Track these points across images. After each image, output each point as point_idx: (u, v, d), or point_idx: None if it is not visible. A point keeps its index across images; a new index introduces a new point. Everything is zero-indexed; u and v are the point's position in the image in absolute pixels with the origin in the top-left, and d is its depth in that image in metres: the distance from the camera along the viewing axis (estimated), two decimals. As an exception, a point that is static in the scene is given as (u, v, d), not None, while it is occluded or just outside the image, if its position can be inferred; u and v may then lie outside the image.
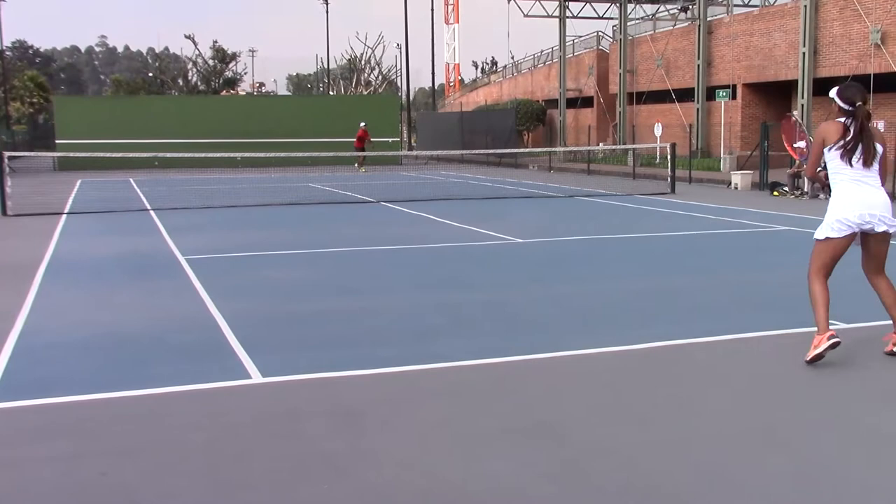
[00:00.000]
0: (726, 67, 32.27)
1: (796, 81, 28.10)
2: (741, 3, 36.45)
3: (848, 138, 5.64)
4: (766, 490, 3.75)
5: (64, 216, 16.26)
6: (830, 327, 5.70)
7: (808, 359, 5.60)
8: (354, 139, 32.33)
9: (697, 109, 32.91)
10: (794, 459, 4.10)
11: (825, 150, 5.75)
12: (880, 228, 5.70)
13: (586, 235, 12.92)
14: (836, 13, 27.15)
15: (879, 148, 5.71)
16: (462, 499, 3.71)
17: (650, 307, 7.66)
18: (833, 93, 5.81)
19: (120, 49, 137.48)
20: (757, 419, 4.67)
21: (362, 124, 32.58)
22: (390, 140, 37.57)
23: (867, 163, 5.66)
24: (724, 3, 35.76)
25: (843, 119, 5.71)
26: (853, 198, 5.66)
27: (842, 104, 5.71)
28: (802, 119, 26.17)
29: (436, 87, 66.54)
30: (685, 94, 34.16)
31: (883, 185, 5.76)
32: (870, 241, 5.83)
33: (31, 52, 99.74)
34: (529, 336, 6.55)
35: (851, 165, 5.66)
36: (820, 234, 5.80)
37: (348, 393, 5.21)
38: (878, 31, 25.46)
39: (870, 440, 4.35)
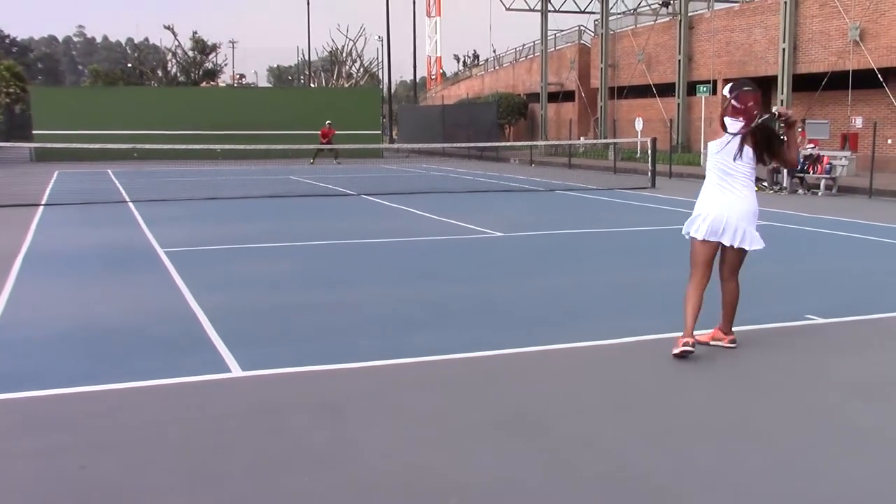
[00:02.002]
0: (707, 63, 32.42)
1: (776, 77, 28.27)
2: (722, -1, 36.64)
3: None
4: (743, 481, 3.77)
5: (41, 208, 16.09)
6: (814, 318, 5.74)
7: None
8: (320, 134, 32.46)
9: (678, 104, 33.05)
10: (770, 451, 4.12)
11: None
12: (734, 242, 5.89)
13: (567, 229, 12.94)
14: (816, 10, 27.33)
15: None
16: (446, 491, 3.70)
17: (631, 301, 7.69)
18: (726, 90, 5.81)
19: (98, 39, 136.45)
20: (735, 411, 4.70)
21: (328, 123, 32.71)
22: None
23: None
24: (705, -2, 35.91)
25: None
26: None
27: (734, 102, 5.69)
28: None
29: (417, 80, 66.47)
30: (666, 89, 34.30)
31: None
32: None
33: (7, 41, 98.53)
34: (511, 329, 6.56)
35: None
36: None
37: (330, 386, 5.19)
38: (856, 27, 25.65)
39: (844, 432, 4.39)
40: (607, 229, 12.96)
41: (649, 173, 21.79)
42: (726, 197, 5.68)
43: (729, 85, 5.81)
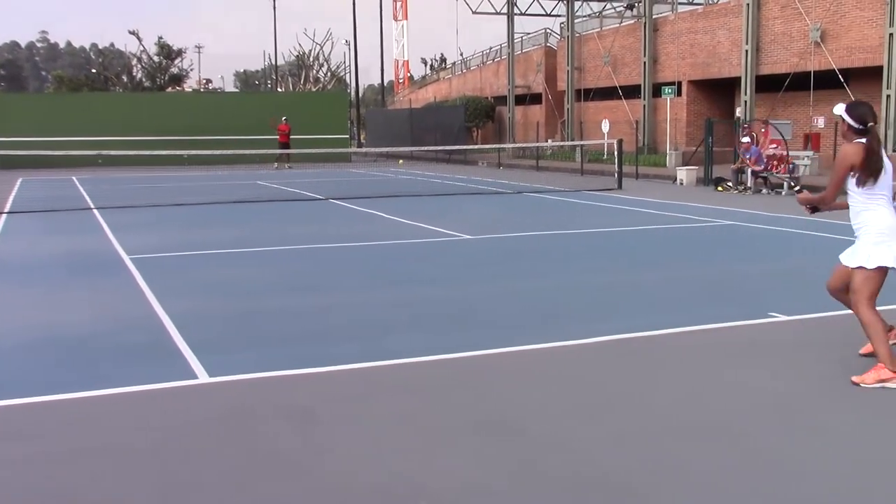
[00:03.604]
0: (672, 65, 32.73)
1: (739, 78, 28.61)
2: (686, 2, 37.00)
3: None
4: (715, 480, 3.82)
5: (4, 216, 15.86)
6: (777, 316, 5.80)
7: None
8: (278, 135, 32.32)
9: (644, 106, 33.32)
10: (740, 449, 4.18)
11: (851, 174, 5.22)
12: None
13: (535, 231, 13.00)
14: (778, 11, 27.70)
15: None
16: (417, 495, 3.71)
17: (600, 302, 7.75)
18: (841, 110, 5.40)
19: (62, 45, 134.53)
20: (708, 412, 4.75)
21: (284, 118, 32.60)
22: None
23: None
24: (670, 1, 36.25)
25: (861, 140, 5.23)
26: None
27: (853, 123, 5.29)
28: (745, 116, 26.68)
29: (385, 84, 66.39)
30: (632, 91, 34.56)
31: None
32: None
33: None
34: (481, 332, 6.58)
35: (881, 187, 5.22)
36: (871, 262, 5.20)
37: (301, 391, 5.18)
38: (817, 29, 26.04)
39: (816, 433, 4.46)
40: (576, 231, 13.05)
41: (616, 175, 21.94)
42: None
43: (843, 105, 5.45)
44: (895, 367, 5.06)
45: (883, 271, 5.21)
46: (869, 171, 5.16)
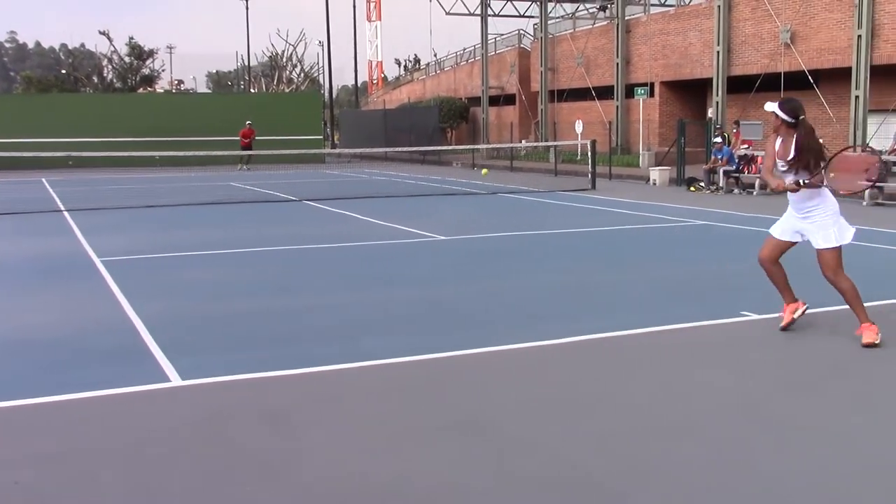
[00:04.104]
0: (644, 66, 32.92)
1: (711, 79, 28.83)
2: (658, 3, 37.24)
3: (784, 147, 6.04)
4: (685, 477, 3.84)
5: (-28, 218, 15.65)
6: (749, 315, 5.90)
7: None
8: (240, 138, 32.35)
9: (617, 107, 33.48)
10: (709, 449, 4.21)
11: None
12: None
13: (509, 232, 13.02)
14: (749, 13, 27.96)
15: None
16: (392, 496, 3.69)
17: (573, 302, 7.77)
18: (773, 106, 6.07)
19: (31, 45, 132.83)
20: (681, 411, 4.78)
21: (248, 122, 32.58)
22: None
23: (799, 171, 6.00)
24: (642, 2, 36.46)
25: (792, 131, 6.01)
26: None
27: (785, 117, 6.00)
28: (717, 117, 26.89)
29: (359, 85, 66.22)
30: (605, 92, 34.72)
31: None
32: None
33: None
34: (456, 332, 6.57)
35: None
36: (844, 239, 5.99)
37: (275, 393, 5.14)
38: (787, 30, 26.31)
39: (784, 430, 4.49)
40: (550, 231, 13.08)
41: (589, 175, 22.04)
42: None
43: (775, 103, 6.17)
44: (868, 318, 5.92)
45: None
46: (815, 157, 5.94)
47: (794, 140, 5.99)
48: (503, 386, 5.25)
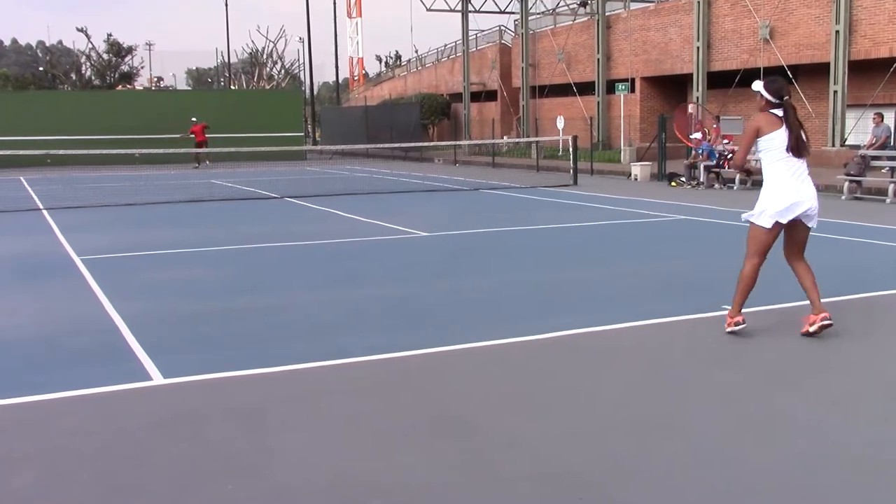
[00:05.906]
0: (625, 61, 33.02)
1: (691, 75, 28.97)
2: (638, -1, 37.36)
3: (789, 131, 5.89)
4: (663, 472, 3.85)
5: (-52, 217, 15.49)
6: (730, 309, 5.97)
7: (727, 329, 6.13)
8: (193, 135, 32.29)
9: (598, 102, 33.59)
10: (687, 444, 4.22)
11: (760, 139, 5.95)
12: (811, 223, 6.08)
13: (491, 228, 13.03)
14: (728, 9, 28.10)
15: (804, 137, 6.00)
16: (370, 494, 3.69)
17: (553, 297, 7.78)
18: (759, 86, 6.02)
19: (7, 42, 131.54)
20: (654, 405, 4.79)
21: (193, 119, 32.63)
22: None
23: (802, 154, 5.93)
24: (622, -2, 36.58)
25: (776, 112, 5.94)
26: (791, 191, 5.93)
27: (770, 97, 5.93)
28: (697, 112, 27.02)
29: (340, 82, 66.06)
30: (586, 88, 34.82)
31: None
32: (797, 229, 6.11)
33: None
34: (433, 329, 6.57)
35: (790, 157, 5.91)
36: (763, 220, 6.02)
37: (251, 392, 5.12)
38: (766, 26, 26.46)
39: (761, 424, 4.52)
40: (531, 227, 13.09)
41: (571, 171, 22.09)
42: (800, 184, 6.01)
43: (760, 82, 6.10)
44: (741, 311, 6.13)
45: (771, 232, 6.14)
46: (782, 139, 5.90)
47: (788, 127, 5.92)
48: (478, 383, 5.24)
